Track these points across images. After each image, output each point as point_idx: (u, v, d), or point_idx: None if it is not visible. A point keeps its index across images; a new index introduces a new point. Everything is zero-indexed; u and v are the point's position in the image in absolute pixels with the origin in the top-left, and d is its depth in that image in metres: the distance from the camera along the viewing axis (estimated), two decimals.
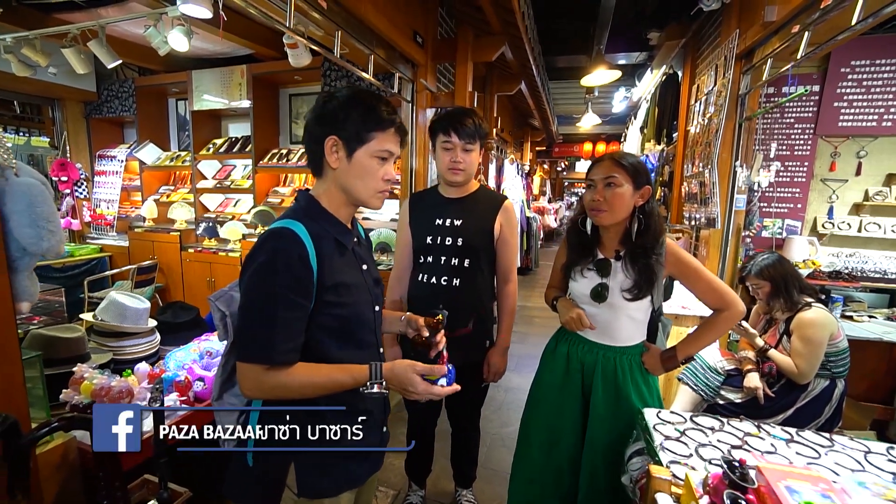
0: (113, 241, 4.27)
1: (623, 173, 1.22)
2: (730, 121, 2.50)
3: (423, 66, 2.89)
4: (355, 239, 0.97)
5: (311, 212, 0.89)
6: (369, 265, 0.99)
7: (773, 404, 1.86)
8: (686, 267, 1.25)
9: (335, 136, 0.86)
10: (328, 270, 0.85)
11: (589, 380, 1.35)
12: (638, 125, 5.36)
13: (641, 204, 1.25)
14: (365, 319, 0.94)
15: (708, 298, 1.25)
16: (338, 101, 0.87)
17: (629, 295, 1.25)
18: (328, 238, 0.88)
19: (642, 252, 1.24)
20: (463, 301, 1.49)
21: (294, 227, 0.82)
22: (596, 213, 1.25)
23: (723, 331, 1.29)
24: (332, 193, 0.91)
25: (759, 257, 1.96)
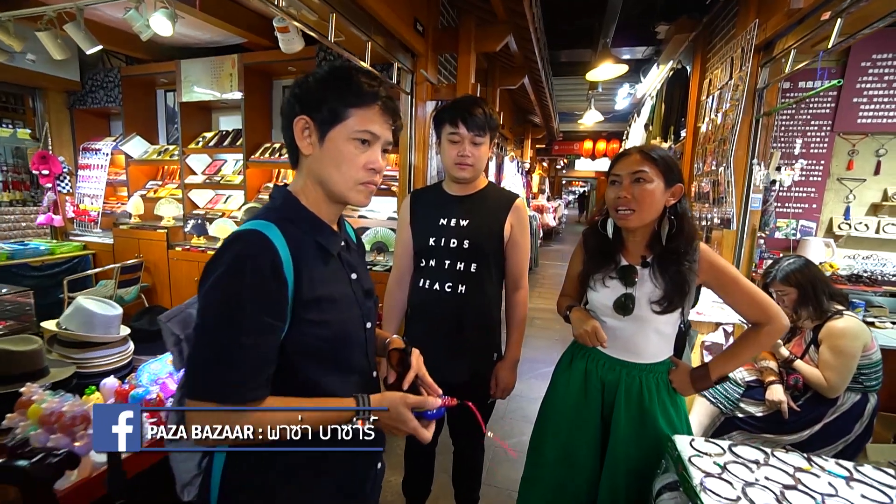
0: (97, 239, 4.09)
1: (653, 168, 1.08)
2: (746, 116, 2.37)
3: (423, 55, 2.73)
4: (343, 243, 0.82)
5: (287, 211, 0.75)
6: (360, 274, 0.84)
7: (799, 419, 1.73)
8: (722, 275, 1.12)
9: (305, 117, 0.72)
10: (308, 282, 0.70)
11: (610, 400, 1.21)
12: (642, 122, 5.23)
13: (673, 204, 1.12)
14: (353, 340, 0.79)
15: (747, 311, 1.11)
16: (313, 78, 0.73)
17: (658, 307, 1.11)
18: (308, 242, 0.74)
19: (674, 258, 1.10)
20: (470, 310, 1.34)
21: (265, 229, 0.67)
22: (622, 213, 1.11)
23: (764, 347, 1.16)
24: (309, 188, 0.77)
25: (784, 261, 1.83)
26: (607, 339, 1.16)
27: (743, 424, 1.83)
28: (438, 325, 1.35)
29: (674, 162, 1.11)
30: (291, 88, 0.74)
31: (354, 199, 0.77)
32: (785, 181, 2.32)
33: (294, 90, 0.74)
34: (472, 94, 2.81)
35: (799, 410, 1.73)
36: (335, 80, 0.72)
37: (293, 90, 0.74)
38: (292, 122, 0.73)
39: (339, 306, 0.75)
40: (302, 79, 0.74)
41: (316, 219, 0.77)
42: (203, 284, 0.66)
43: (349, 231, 0.93)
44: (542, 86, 4.63)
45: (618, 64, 3.81)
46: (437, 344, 1.36)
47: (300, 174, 0.78)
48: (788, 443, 1.73)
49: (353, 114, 0.72)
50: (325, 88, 0.72)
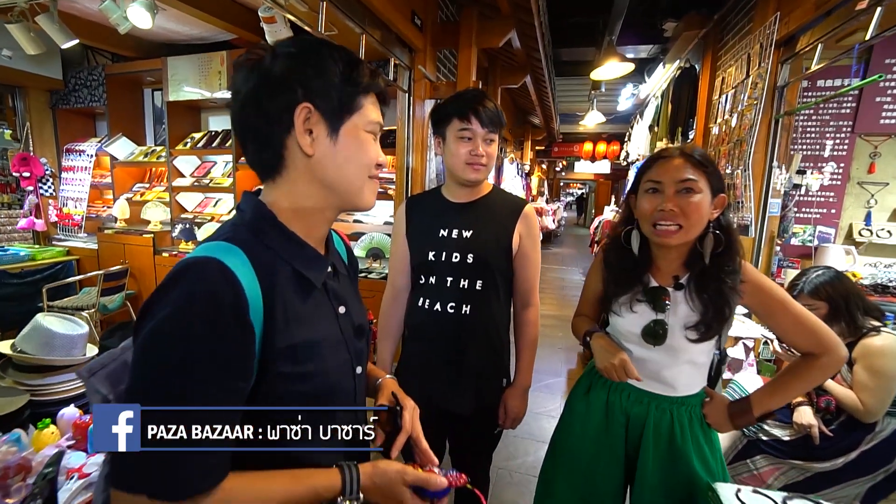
0: (81, 244, 3.92)
1: (702, 176, 0.93)
2: (765, 116, 2.23)
3: (421, 51, 2.59)
4: (330, 268, 0.67)
5: (259, 229, 0.59)
6: (350, 306, 0.68)
7: (831, 445, 1.58)
8: (769, 298, 0.96)
9: (309, 105, 0.57)
10: (282, 325, 0.55)
11: (636, 436, 1.06)
12: (646, 124, 5.09)
13: (716, 216, 0.97)
14: (340, 392, 0.64)
15: (798, 339, 0.96)
16: (299, 55, 0.57)
17: (694, 334, 0.96)
18: (285, 271, 0.58)
19: (714, 279, 0.95)
20: (475, 333, 1.19)
21: (226, 255, 0.52)
22: (664, 227, 0.94)
23: (817, 382, 1.00)
24: (298, 198, 0.61)
25: (812, 273, 1.68)
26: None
27: (768, 448, 1.68)
28: (440, 349, 1.20)
29: (714, 165, 0.96)
30: (261, 71, 0.57)
31: (368, 200, 0.65)
32: (812, 185, 2.18)
33: (271, 71, 0.57)
34: None
35: (832, 436, 1.58)
36: (337, 60, 0.59)
37: (270, 70, 0.57)
38: (283, 113, 0.57)
39: (322, 352, 0.60)
40: (274, 56, 0.57)
41: (297, 240, 0.61)
42: (139, 331, 0.50)
43: (339, 248, 0.77)
44: (545, 85, 4.49)
45: (624, 62, 3.67)
46: (438, 370, 1.20)
47: (280, 183, 0.61)
48: (820, 471, 1.58)
49: (365, 101, 0.61)
50: (328, 69, 0.58)
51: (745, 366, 2.01)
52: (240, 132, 0.60)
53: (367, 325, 0.74)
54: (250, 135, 0.59)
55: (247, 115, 0.58)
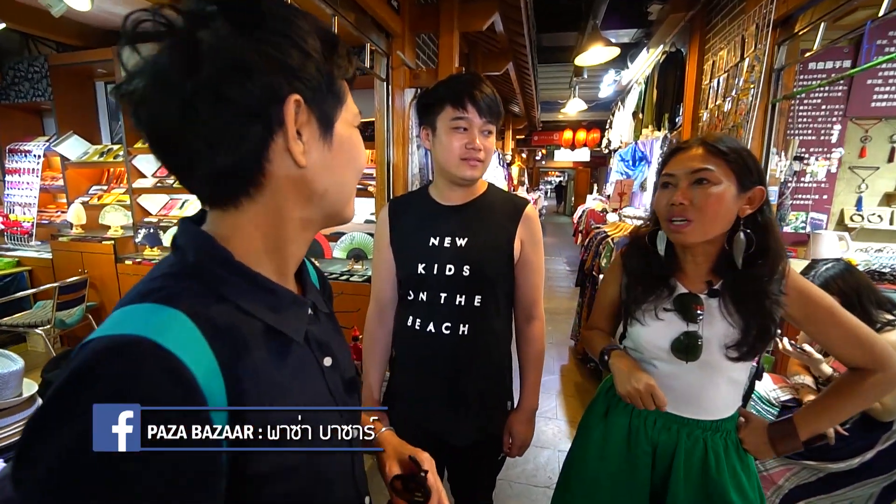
0: (33, 253, 3.58)
1: (722, 165, 0.81)
2: (763, 101, 2.14)
3: (399, 36, 2.39)
4: (310, 310, 0.51)
5: (210, 276, 0.42)
6: (336, 353, 0.52)
7: (847, 445, 1.52)
8: (816, 307, 0.84)
9: (299, 97, 0.41)
10: (254, 409, 0.40)
11: (664, 468, 0.94)
12: (629, 111, 5.01)
13: (750, 213, 0.84)
14: (333, 478, 0.49)
15: (847, 353, 0.84)
16: (264, 22, 0.40)
17: (735, 352, 0.84)
18: (252, 330, 0.42)
19: (754, 289, 0.83)
20: (475, 355, 1.04)
21: (163, 330, 0.35)
22: (676, 224, 0.83)
23: (871, 401, 0.89)
24: (275, 225, 0.45)
25: (821, 266, 1.60)
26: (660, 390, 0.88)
27: None
28: (435, 375, 1.05)
29: (750, 156, 0.83)
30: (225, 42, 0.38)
31: (352, 211, 0.53)
32: (818, 173, 2.11)
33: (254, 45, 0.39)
34: None
35: (847, 435, 1.52)
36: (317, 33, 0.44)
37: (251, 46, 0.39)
38: (272, 109, 0.40)
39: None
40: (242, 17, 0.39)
41: (266, 285, 0.45)
42: (20, 482, 0.32)
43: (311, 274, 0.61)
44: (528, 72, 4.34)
45: (609, 47, 3.54)
46: (433, 399, 1.06)
47: (248, 208, 0.44)
48: (834, 471, 1.52)
49: (347, 90, 0.49)
50: (313, 45, 0.42)
51: None
52: (176, 145, 0.40)
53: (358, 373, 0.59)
54: (201, 147, 0.40)
55: (196, 115, 0.38)
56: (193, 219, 0.46)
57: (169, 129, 0.40)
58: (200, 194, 0.45)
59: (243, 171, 0.42)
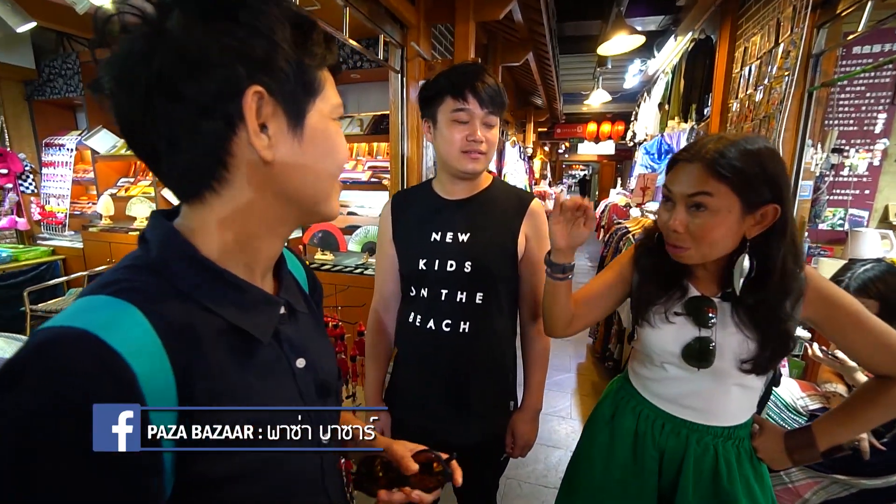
0: (67, 242, 3.76)
1: (723, 189, 0.71)
2: (798, 89, 2.00)
3: (414, 27, 2.35)
4: (282, 308, 0.48)
5: (170, 271, 0.41)
6: (312, 354, 0.50)
7: (884, 460, 1.41)
8: (838, 311, 0.78)
9: (260, 88, 0.39)
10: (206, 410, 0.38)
11: (672, 476, 0.89)
12: (654, 102, 4.81)
13: (758, 234, 0.75)
14: (300, 483, 0.47)
15: (876, 360, 0.78)
16: (223, 10, 0.37)
17: (749, 366, 0.78)
18: (212, 328, 0.41)
19: (772, 299, 0.76)
20: (478, 354, 1.01)
21: (108, 325, 0.34)
22: (674, 249, 0.79)
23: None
24: (244, 221, 0.44)
25: (858, 267, 1.48)
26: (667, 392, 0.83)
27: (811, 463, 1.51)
28: (435, 373, 1.03)
29: (762, 169, 0.71)
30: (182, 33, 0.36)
31: (335, 208, 0.50)
32: (858, 166, 1.96)
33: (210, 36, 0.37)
34: None
35: (884, 449, 1.41)
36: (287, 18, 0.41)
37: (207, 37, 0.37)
38: (229, 102, 0.38)
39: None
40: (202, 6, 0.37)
41: (232, 282, 0.43)
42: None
43: (294, 268, 0.59)
44: (549, 62, 4.22)
45: (633, 35, 3.40)
46: (435, 398, 1.03)
47: (214, 203, 0.43)
48: (870, 488, 1.42)
49: (325, 78, 0.45)
50: (281, 32, 0.40)
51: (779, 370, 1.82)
52: (141, 137, 0.40)
53: (335, 376, 0.56)
54: (162, 140, 0.39)
55: (154, 110, 0.38)
56: (166, 212, 0.45)
57: (133, 123, 0.39)
58: (169, 188, 0.44)
59: (204, 166, 0.41)
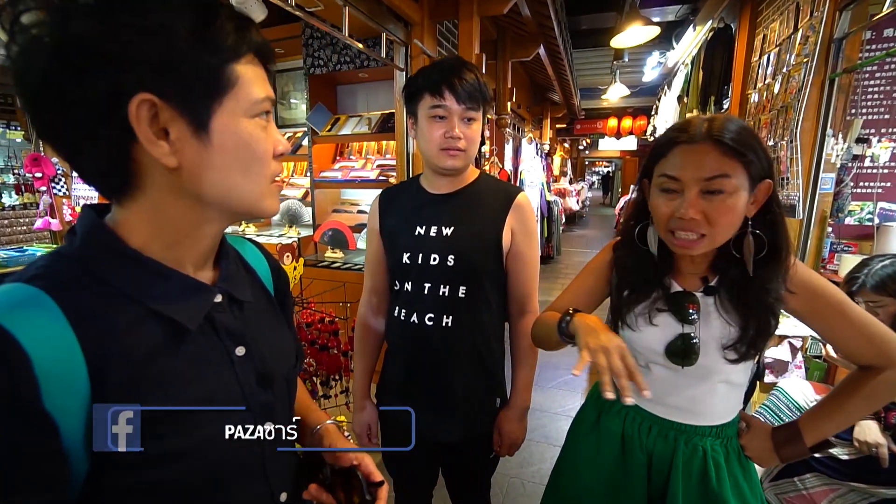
0: None
1: (738, 169, 0.68)
2: (818, 77, 1.89)
3: (418, 24, 2.36)
4: (218, 297, 0.49)
5: (90, 258, 0.42)
6: (254, 345, 0.51)
7: None
8: (823, 302, 0.74)
9: (150, 96, 0.38)
10: (124, 396, 0.39)
11: (660, 480, 0.86)
12: (674, 95, 4.66)
13: (758, 211, 0.73)
14: (234, 468, 0.47)
15: (858, 350, 0.75)
16: (110, 4, 0.36)
17: (734, 354, 0.76)
18: (131, 315, 0.41)
19: (757, 286, 0.73)
20: (461, 349, 1.00)
21: (11, 311, 0.36)
22: (684, 242, 0.72)
23: (884, 401, 0.80)
24: (165, 220, 0.44)
25: (876, 264, 1.40)
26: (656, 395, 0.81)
27: (820, 467, 1.44)
28: (419, 368, 1.03)
29: (759, 141, 0.71)
30: (65, 30, 0.36)
31: (270, 207, 0.48)
32: (880, 156, 1.85)
33: (92, 35, 0.36)
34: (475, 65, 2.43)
35: None
36: (186, 7, 0.38)
37: (89, 35, 0.36)
38: (114, 111, 0.37)
39: (199, 419, 0.43)
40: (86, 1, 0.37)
41: (154, 268, 0.44)
42: None
43: (255, 262, 0.60)
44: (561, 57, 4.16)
45: (648, 26, 3.31)
46: (420, 393, 1.03)
47: (131, 205, 0.43)
48: (889, 497, 1.34)
49: (240, 73, 0.42)
50: (175, 26, 0.37)
51: (790, 368, 1.74)
52: (51, 139, 0.40)
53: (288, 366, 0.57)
54: (67, 145, 0.40)
55: (47, 113, 0.38)
56: (99, 206, 0.46)
57: (40, 128, 0.40)
58: (93, 187, 0.44)
59: (111, 171, 0.41)
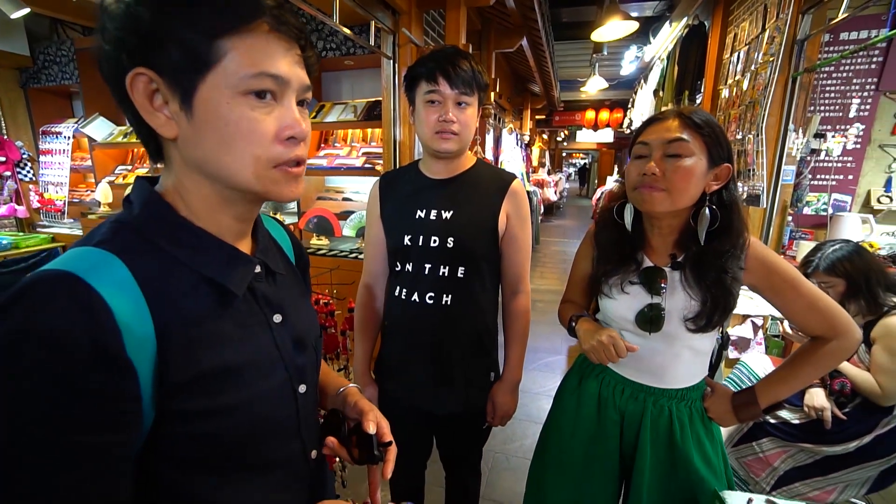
0: (67, 230, 3.80)
1: (696, 138, 0.80)
2: (782, 74, 2.03)
3: (406, 13, 2.37)
4: (258, 268, 0.53)
5: (149, 228, 0.46)
6: (289, 312, 0.56)
7: (845, 429, 1.49)
8: (778, 277, 0.85)
9: (146, 71, 0.42)
10: (185, 351, 0.43)
11: (631, 436, 0.96)
12: (650, 88, 4.82)
13: (716, 189, 0.84)
14: (274, 423, 0.52)
15: (808, 322, 0.86)
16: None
17: (693, 325, 0.86)
18: (187, 281, 0.46)
19: (716, 262, 0.83)
20: (459, 326, 1.08)
21: (92, 270, 0.39)
22: (646, 193, 0.83)
23: (828, 368, 0.91)
24: (188, 186, 0.47)
25: (828, 248, 1.55)
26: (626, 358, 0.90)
27: (775, 431, 1.60)
28: (419, 344, 1.09)
29: (722, 132, 0.82)
30: (100, 20, 0.42)
31: (274, 192, 0.48)
32: (833, 150, 2.01)
33: (105, 23, 0.42)
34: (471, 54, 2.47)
35: (845, 419, 1.49)
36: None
37: (103, 23, 0.42)
38: (123, 84, 0.42)
39: (245, 378, 0.48)
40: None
41: (205, 238, 0.48)
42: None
43: (279, 237, 0.64)
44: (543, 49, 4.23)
45: (627, 21, 3.41)
46: (419, 368, 1.10)
47: (169, 167, 0.48)
48: (830, 454, 1.51)
49: (229, 47, 0.42)
50: (161, 5, 0.40)
51: (752, 345, 1.90)
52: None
53: (315, 334, 0.62)
54: (122, 109, 0.46)
55: (110, 88, 0.44)
56: (149, 178, 0.50)
57: None
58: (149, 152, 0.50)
59: (143, 139, 0.47)
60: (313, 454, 0.59)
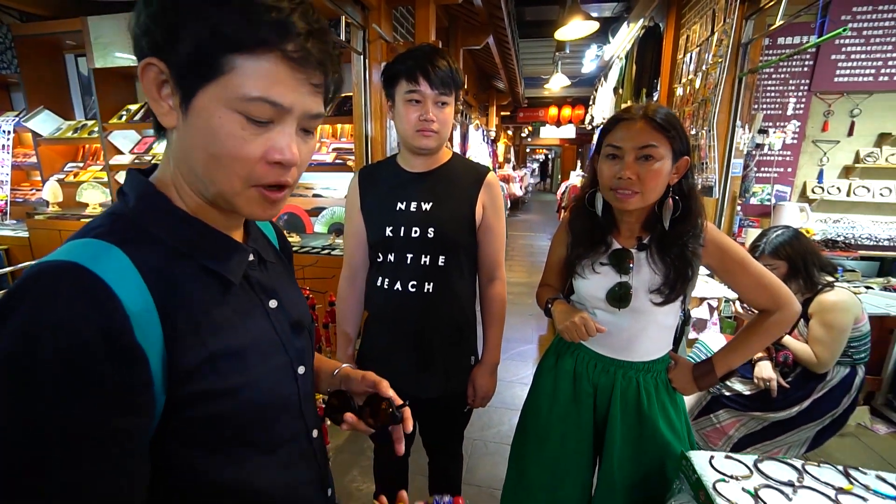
0: (9, 232, 3.54)
1: (664, 141, 0.88)
2: (730, 75, 2.20)
3: (375, 8, 2.38)
4: (251, 256, 0.55)
5: (146, 219, 0.46)
6: (283, 298, 0.58)
7: (787, 396, 1.66)
8: (730, 258, 0.96)
9: (157, 61, 0.42)
10: (191, 336, 0.44)
11: (604, 406, 1.05)
12: (610, 86, 5.03)
13: (677, 180, 0.93)
14: (278, 402, 0.54)
15: (755, 297, 0.97)
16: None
17: (659, 297, 0.95)
18: (187, 270, 0.47)
19: (677, 241, 0.92)
20: (440, 313, 1.12)
21: (95, 260, 0.39)
22: (623, 195, 0.91)
23: (774, 337, 1.02)
24: (185, 175, 0.48)
25: (772, 234, 1.71)
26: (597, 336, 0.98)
27: (730, 403, 1.75)
28: (402, 331, 1.13)
29: (682, 128, 0.91)
30: (137, 5, 0.43)
31: (245, 210, 0.48)
32: (775, 144, 2.20)
33: (141, 9, 0.43)
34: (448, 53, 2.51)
35: (788, 387, 1.66)
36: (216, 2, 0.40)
37: (139, 8, 0.43)
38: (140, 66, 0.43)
39: (249, 359, 0.50)
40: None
41: (200, 228, 0.49)
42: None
43: (264, 227, 0.66)
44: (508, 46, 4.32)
45: (588, 21, 3.55)
46: (402, 354, 1.14)
47: (168, 154, 0.49)
48: (775, 420, 1.67)
49: (239, 64, 0.41)
50: (194, 7, 0.40)
51: (709, 325, 2.06)
52: None
53: (308, 319, 0.65)
54: None
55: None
56: (141, 170, 0.51)
57: None
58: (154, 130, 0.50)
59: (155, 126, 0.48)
60: (314, 433, 0.62)
